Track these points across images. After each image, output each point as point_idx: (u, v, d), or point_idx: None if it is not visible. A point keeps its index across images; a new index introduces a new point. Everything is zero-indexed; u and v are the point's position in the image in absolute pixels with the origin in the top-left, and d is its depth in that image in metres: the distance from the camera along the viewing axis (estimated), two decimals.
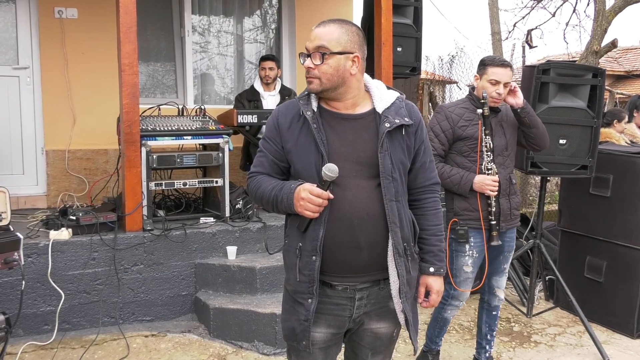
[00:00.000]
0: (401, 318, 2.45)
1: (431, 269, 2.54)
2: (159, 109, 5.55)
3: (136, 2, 4.84)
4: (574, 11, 11.78)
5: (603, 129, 5.76)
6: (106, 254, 4.69)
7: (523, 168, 4.87)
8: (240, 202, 5.44)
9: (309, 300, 2.34)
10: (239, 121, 5.59)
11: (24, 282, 3.50)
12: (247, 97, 6.41)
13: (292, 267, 2.39)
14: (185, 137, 5.25)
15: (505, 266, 4.09)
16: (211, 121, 5.54)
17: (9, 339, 3.36)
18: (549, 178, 5.90)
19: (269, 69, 6.37)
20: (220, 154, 5.29)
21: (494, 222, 3.85)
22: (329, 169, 2.21)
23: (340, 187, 2.29)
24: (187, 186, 5.33)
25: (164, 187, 5.30)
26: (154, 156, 5.02)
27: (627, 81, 21.65)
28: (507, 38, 12.89)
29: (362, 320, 2.47)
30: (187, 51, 7.13)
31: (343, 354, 2.70)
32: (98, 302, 4.68)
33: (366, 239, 2.32)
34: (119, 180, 5.30)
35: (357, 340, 2.56)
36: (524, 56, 9.78)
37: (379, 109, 2.40)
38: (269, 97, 6.39)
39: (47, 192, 6.30)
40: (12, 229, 3.81)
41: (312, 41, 2.32)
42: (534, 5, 12.36)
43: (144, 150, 4.95)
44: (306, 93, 2.43)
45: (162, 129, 5.18)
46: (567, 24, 12.68)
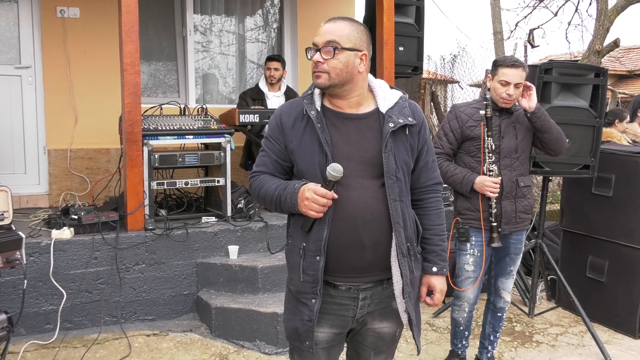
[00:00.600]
0: (404, 318, 2.45)
1: (434, 269, 2.54)
2: (161, 109, 5.56)
3: (138, 1, 4.84)
4: (576, 10, 11.81)
5: (605, 129, 5.77)
6: (108, 253, 4.70)
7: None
8: (242, 202, 5.45)
9: (313, 300, 2.34)
10: (240, 121, 5.60)
11: (25, 281, 3.51)
12: (252, 95, 6.43)
13: (296, 267, 2.38)
14: (187, 137, 5.25)
15: (512, 269, 4.08)
16: (213, 120, 5.54)
17: (11, 338, 3.37)
18: (551, 178, 5.90)
19: (274, 69, 6.38)
20: (222, 154, 5.29)
21: (494, 224, 3.86)
22: (334, 169, 2.20)
23: (344, 187, 2.28)
24: (188, 185, 5.34)
25: (165, 187, 5.31)
26: (156, 155, 5.03)
27: (630, 81, 21.66)
28: (509, 37, 12.90)
29: (365, 320, 2.47)
30: (189, 50, 7.14)
31: (345, 353, 2.70)
32: (100, 301, 4.68)
33: (370, 239, 2.31)
34: (120, 180, 5.31)
35: (359, 340, 2.56)
36: (526, 56, 9.75)
37: (383, 108, 2.39)
38: (273, 98, 6.40)
39: (49, 191, 6.32)
40: (14, 228, 3.81)
41: (322, 36, 2.31)
42: (536, 5, 12.37)
43: (145, 149, 4.95)
44: (309, 92, 2.43)
45: (164, 128, 5.18)
46: (569, 23, 12.72)
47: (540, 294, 5.88)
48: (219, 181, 5.32)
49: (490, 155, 3.82)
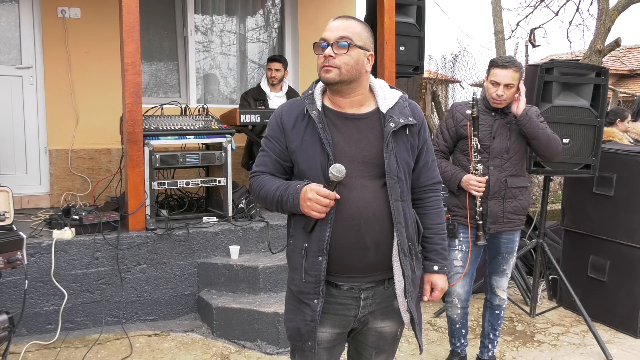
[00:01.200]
0: (406, 317, 2.45)
1: (435, 267, 2.55)
2: (162, 109, 5.56)
3: (139, 1, 4.84)
4: (577, 10, 11.80)
5: (606, 128, 5.76)
6: (109, 254, 4.70)
7: (526, 167, 4.86)
8: (243, 202, 5.45)
9: (315, 300, 2.34)
10: (241, 120, 5.61)
11: (27, 282, 3.51)
12: (254, 95, 6.43)
13: (298, 267, 2.38)
14: (188, 137, 5.25)
15: (505, 267, 4.10)
16: (214, 120, 5.54)
17: (12, 338, 3.37)
18: (552, 177, 5.89)
19: (275, 70, 6.40)
20: (223, 154, 5.29)
21: (480, 222, 3.91)
22: (337, 169, 2.20)
23: (345, 187, 2.28)
24: (190, 185, 5.34)
25: (166, 187, 5.32)
26: (157, 155, 5.03)
27: (631, 80, 21.68)
28: (510, 37, 12.90)
29: (367, 320, 2.47)
30: (190, 51, 7.15)
31: (346, 353, 2.70)
32: (101, 302, 4.69)
33: (372, 239, 2.31)
34: (122, 180, 5.32)
35: (361, 340, 2.56)
36: (527, 55, 9.75)
37: (383, 108, 2.39)
38: (275, 98, 6.41)
39: (50, 191, 6.33)
40: (15, 229, 3.82)
41: (334, 31, 2.30)
42: (537, 4, 12.36)
43: (146, 149, 4.96)
44: (310, 92, 2.42)
45: (165, 128, 5.18)
46: (570, 22, 12.74)
47: (542, 293, 5.90)
48: (220, 181, 5.33)
49: (476, 154, 3.87)
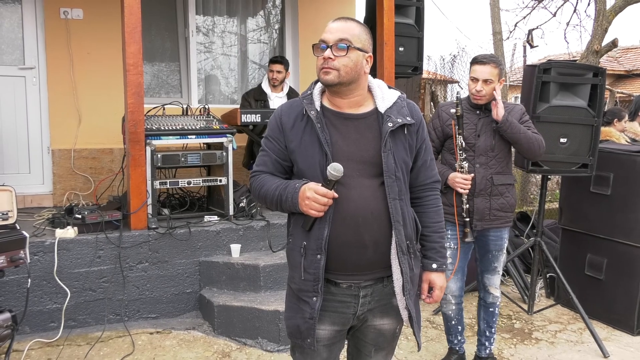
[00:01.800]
0: (405, 315, 2.46)
1: (434, 265, 2.55)
2: (164, 109, 5.59)
3: (141, 2, 4.86)
4: (574, 11, 11.80)
5: (603, 128, 5.79)
6: (111, 252, 4.73)
7: (524, 166, 4.90)
8: (244, 201, 5.48)
9: (314, 298, 2.36)
10: (242, 120, 5.64)
11: (29, 280, 3.51)
12: (255, 96, 6.46)
13: (297, 265, 2.40)
14: (189, 137, 5.28)
15: (496, 265, 4.13)
16: (215, 120, 5.57)
17: (15, 336, 3.38)
18: (549, 176, 5.93)
19: (277, 72, 6.42)
20: (224, 153, 5.32)
21: (467, 219, 3.96)
22: (335, 169, 2.21)
23: (344, 186, 2.29)
24: (191, 185, 5.37)
25: (168, 186, 5.34)
26: (159, 155, 5.07)
27: (628, 80, 21.74)
28: (508, 38, 12.90)
29: (366, 317, 2.48)
30: (192, 51, 7.17)
31: (346, 350, 2.72)
32: (103, 300, 4.71)
33: (370, 237, 2.33)
34: (124, 179, 5.35)
35: (360, 337, 2.58)
36: (525, 56, 9.80)
37: (381, 108, 2.41)
38: (276, 99, 6.43)
39: (53, 190, 6.36)
40: (18, 228, 3.86)
41: (333, 33, 2.32)
42: (535, 5, 12.34)
43: (148, 149, 4.99)
44: (309, 92, 2.44)
45: (166, 128, 5.21)
46: (567, 23, 12.73)
47: (540, 291, 5.91)
48: (221, 180, 5.36)
49: (461, 152, 3.92)
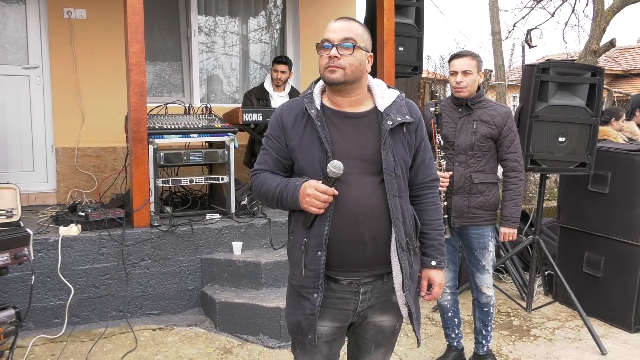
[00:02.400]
0: (404, 311, 2.48)
1: (433, 263, 2.57)
2: (166, 108, 5.61)
3: (143, 2, 4.88)
4: (572, 11, 11.81)
5: (601, 127, 5.80)
6: (114, 250, 4.76)
7: (525, 165, 4.92)
8: (246, 199, 5.50)
9: (315, 294, 2.37)
10: (244, 119, 5.65)
11: (33, 277, 3.54)
12: (257, 95, 6.48)
13: (298, 262, 2.42)
14: (191, 135, 5.30)
15: (484, 263, 4.12)
16: (217, 119, 5.59)
17: (19, 333, 3.40)
18: (548, 175, 5.96)
19: (281, 72, 6.44)
20: (226, 152, 5.34)
21: (445, 216, 3.96)
22: (335, 166, 2.24)
23: (344, 184, 2.31)
24: (193, 183, 5.40)
25: (170, 184, 5.35)
26: (161, 154, 5.09)
27: (625, 80, 21.76)
28: (507, 38, 12.91)
29: (366, 314, 2.50)
30: (194, 51, 7.20)
31: (346, 346, 2.75)
32: (107, 296, 4.74)
33: (370, 234, 2.35)
34: (127, 177, 5.36)
35: (360, 333, 2.60)
36: (523, 55, 9.83)
37: (381, 107, 2.43)
38: (278, 98, 6.45)
39: (57, 188, 6.39)
40: (22, 225, 3.89)
41: (338, 32, 2.35)
42: (533, 6, 12.35)
43: (151, 147, 5.00)
44: (309, 91, 2.47)
45: (169, 127, 5.24)
46: (566, 23, 12.71)
47: (538, 289, 5.94)
48: (223, 179, 5.39)
49: (440, 150, 3.94)
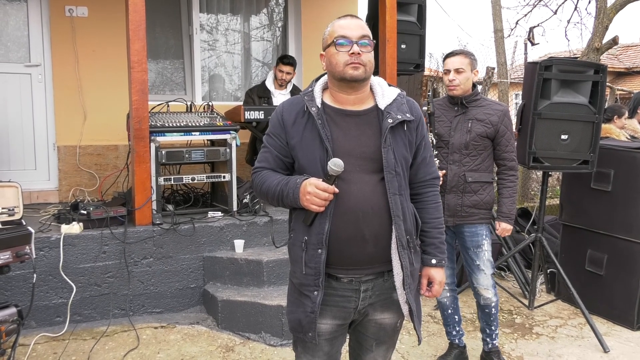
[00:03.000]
0: (405, 309, 2.48)
1: (433, 261, 2.57)
2: (168, 106, 5.61)
3: (145, 0, 4.89)
4: (575, 8, 11.75)
5: (603, 125, 5.77)
6: (116, 248, 4.77)
7: (525, 163, 4.92)
8: (248, 197, 5.50)
9: (315, 292, 2.37)
10: (245, 117, 5.67)
11: (35, 275, 3.53)
12: (258, 93, 6.48)
13: (298, 260, 2.42)
14: (193, 133, 5.31)
15: (479, 263, 4.07)
16: (219, 117, 5.60)
17: (21, 331, 3.40)
18: (550, 173, 5.94)
19: (287, 73, 6.45)
20: (228, 150, 5.35)
21: None
22: (335, 164, 2.24)
23: (344, 182, 2.31)
24: (195, 181, 5.40)
25: (172, 182, 5.37)
26: (163, 152, 5.09)
27: (628, 78, 21.73)
28: (509, 35, 12.84)
29: (367, 312, 2.50)
30: (196, 49, 7.21)
31: (348, 344, 2.75)
32: (109, 295, 4.76)
33: (371, 232, 2.34)
34: (128, 176, 5.36)
35: (361, 331, 2.60)
36: (526, 53, 9.79)
37: (381, 105, 2.43)
38: (279, 96, 6.45)
39: (59, 187, 6.41)
40: (24, 223, 3.88)
41: (354, 30, 2.36)
42: (536, 3, 12.30)
43: (153, 145, 5.01)
44: (310, 89, 2.47)
45: (170, 125, 5.24)
46: (568, 21, 12.65)
47: (540, 287, 5.94)
48: (224, 177, 5.39)
49: (432, 148, 3.91)
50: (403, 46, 6.29)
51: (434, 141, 3.95)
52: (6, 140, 6.17)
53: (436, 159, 3.93)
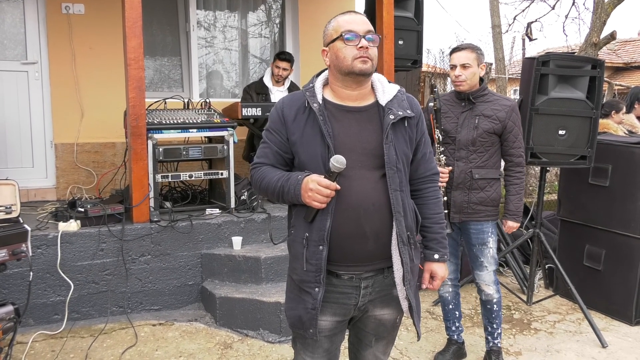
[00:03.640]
0: (405, 305, 2.48)
1: (435, 256, 2.58)
2: (165, 103, 5.61)
3: None
4: (573, 4, 11.82)
5: (601, 120, 5.78)
6: (114, 245, 4.76)
7: (525, 160, 4.90)
8: (245, 194, 5.51)
9: (316, 289, 2.38)
10: (243, 114, 5.66)
11: (31, 273, 3.51)
12: (256, 89, 6.47)
13: (299, 256, 2.42)
14: (190, 130, 5.30)
15: (482, 259, 4.05)
16: (216, 114, 5.59)
17: (18, 329, 3.39)
18: (548, 168, 5.95)
19: (283, 69, 6.44)
20: (225, 147, 5.34)
21: (445, 211, 3.92)
22: (337, 161, 2.24)
23: (346, 178, 2.31)
24: (192, 178, 5.39)
25: (170, 179, 5.35)
26: (160, 149, 5.08)
27: (626, 73, 21.78)
28: (507, 31, 12.90)
29: (367, 308, 2.51)
30: (193, 46, 7.19)
31: (347, 340, 2.75)
32: (106, 292, 4.75)
33: (372, 228, 2.35)
34: (126, 173, 5.37)
35: (361, 327, 2.61)
36: (524, 49, 9.82)
37: (382, 101, 2.44)
38: (277, 92, 6.45)
39: (56, 184, 6.39)
40: (21, 221, 3.86)
41: (360, 25, 2.37)
42: None
43: (150, 143, 5.00)
44: (311, 85, 2.47)
45: (168, 122, 5.22)
46: (566, 16, 12.67)
47: (538, 282, 5.95)
48: (222, 174, 5.38)
49: (439, 145, 3.92)
50: (400, 42, 6.27)
51: (441, 137, 3.93)
52: (3, 138, 6.16)
53: (443, 155, 3.92)
